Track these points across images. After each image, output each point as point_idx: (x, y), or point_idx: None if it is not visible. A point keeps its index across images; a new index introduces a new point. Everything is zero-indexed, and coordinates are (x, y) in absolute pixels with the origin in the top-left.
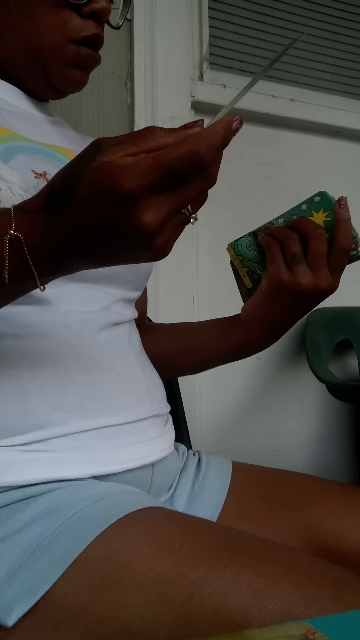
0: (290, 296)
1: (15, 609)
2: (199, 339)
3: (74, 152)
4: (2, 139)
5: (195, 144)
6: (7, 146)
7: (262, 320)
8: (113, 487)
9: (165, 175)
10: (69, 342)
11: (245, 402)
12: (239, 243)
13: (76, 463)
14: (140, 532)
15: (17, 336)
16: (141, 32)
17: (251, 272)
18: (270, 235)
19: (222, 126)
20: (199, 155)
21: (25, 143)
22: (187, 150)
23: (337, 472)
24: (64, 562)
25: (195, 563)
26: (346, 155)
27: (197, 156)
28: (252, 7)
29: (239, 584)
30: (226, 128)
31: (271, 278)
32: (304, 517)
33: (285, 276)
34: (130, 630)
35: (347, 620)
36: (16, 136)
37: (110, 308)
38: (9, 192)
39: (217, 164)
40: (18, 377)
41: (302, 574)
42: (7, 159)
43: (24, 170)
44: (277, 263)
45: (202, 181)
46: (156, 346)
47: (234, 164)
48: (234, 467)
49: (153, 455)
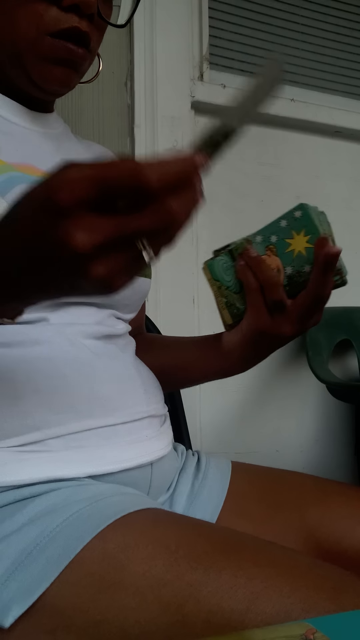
0: (271, 339)
1: (12, 610)
2: (180, 360)
3: None
4: (0, 169)
5: (142, 166)
6: (7, 177)
7: (241, 356)
8: (110, 489)
9: (102, 191)
10: (62, 347)
11: (245, 402)
12: (215, 264)
13: (72, 462)
14: (136, 534)
15: (10, 344)
16: (141, 32)
17: (230, 305)
18: (249, 269)
19: (182, 157)
20: (144, 178)
21: (21, 174)
22: (130, 168)
23: (337, 472)
24: (61, 563)
25: (191, 565)
26: (346, 155)
27: (141, 178)
28: (252, 7)
29: (235, 586)
30: (186, 162)
31: (252, 324)
32: (303, 517)
33: (267, 324)
34: (126, 633)
35: (347, 620)
36: (9, 167)
37: (103, 322)
38: None
39: (179, 199)
40: (12, 381)
41: (300, 576)
42: (5, 191)
43: None
44: (258, 308)
45: (156, 213)
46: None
47: (234, 164)
48: (233, 467)
49: (150, 454)
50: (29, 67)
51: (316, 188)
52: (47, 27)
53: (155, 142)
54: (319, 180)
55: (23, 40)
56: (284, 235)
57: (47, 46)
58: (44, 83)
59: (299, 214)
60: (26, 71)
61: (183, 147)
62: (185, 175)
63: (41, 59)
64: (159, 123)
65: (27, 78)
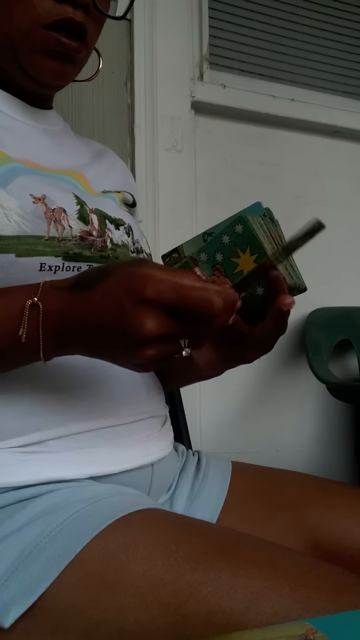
0: (235, 363)
1: (12, 610)
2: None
3: (72, 172)
4: (1, 161)
5: (215, 301)
6: (8, 168)
7: (209, 372)
8: (110, 489)
9: (180, 305)
10: None
11: (245, 402)
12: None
13: (73, 464)
14: (137, 534)
15: None
16: (141, 32)
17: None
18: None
19: (232, 293)
20: (215, 311)
21: (22, 165)
22: (206, 298)
23: (337, 472)
24: (61, 563)
25: (191, 565)
26: (346, 155)
27: (214, 310)
28: (252, 7)
29: (235, 586)
30: (234, 296)
31: (212, 355)
32: (303, 517)
33: (227, 354)
34: (126, 633)
35: (347, 620)
36: (10, 159)
37: None
38: (5, 219)
39: (225, 318)
40: (14, 382)
41: (299, 576)
42: (7, 182)
43: (22, 195)
44: (216, 340)
45: (207, 325)
46: None
47: (234, 164)
48: (233, 467)
49: (151, 455)
50: (22, 59)
51: (316, 188)
52: (40, 19)
53: (155, 142)
54: (319, 180)
55: (17, 32)
56: (230, 253)
57: (40, 38)
58: (38, 76)
59: (240, 228)
60: (20, 64)
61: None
62: (231, 306)
63: (34, 52)
64: (159, 123)
65: (22, 71)
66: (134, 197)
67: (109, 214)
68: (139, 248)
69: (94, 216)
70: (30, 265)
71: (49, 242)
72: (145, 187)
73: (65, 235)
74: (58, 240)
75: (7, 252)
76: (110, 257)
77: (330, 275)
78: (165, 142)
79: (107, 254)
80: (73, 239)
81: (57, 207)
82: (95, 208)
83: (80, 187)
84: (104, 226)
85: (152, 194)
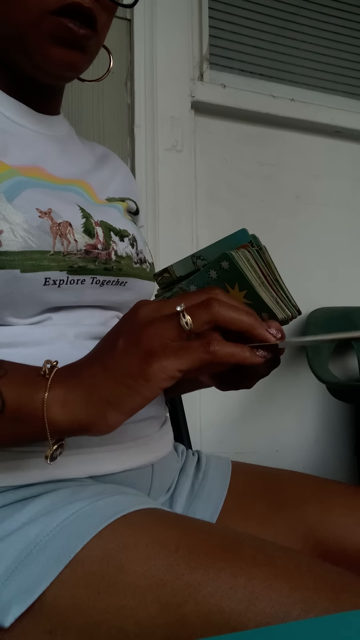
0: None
1: (12, 610)
2: None
3: (76, 180)
4: (7, 175)
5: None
6: (14, 181)
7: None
8: (110, 488)
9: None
10: (63, 349)
11: (245, 402)
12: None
13: (73, 463)
14: (136, 533)
15: (13, 344)
16: (141, 32)
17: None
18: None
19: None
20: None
21: (27, 178)
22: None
23: (337, 472)
24: (61, 562)
25: (191, 565)
26: (346, 155)
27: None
28: (252, 7)
29: (234, 586)
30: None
31: (210, 383)
32: (303, 517)
33: (225, 382)
34: (125, 633)
35: (347, 620)
36: (15, 172)
37: (107, 323)
38: (11, 234)
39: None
40: None
41: (299, 576)
42: (13, 196)
43: (28, 209)
44: (211, 375)
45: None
46: None
47: (234, 164)
48: (233, 467)
49: (150, 455)
50: (31, 48)
51: (316, 188)
52: (47, 5)
53: (155, 142)
54: (319, 180)
55: (24, 20)
56: (219, 287)
57: (48, 24)
58: (47, 65)
59: (227, 265)
60: (29, 54)
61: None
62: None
63: (43, 39)
64: (159, 123)
65: (31, 61)
66: (137, 204)
67: (114, 225)
68: (142, 258)
69: (99, 229)
70: (35, 280)
71: (54, 256)
72: (145, 187)
73: (70, 249)
74: (63, 255)
75: (12, 267)
76: (113, 269)
77: (330, 275)
78: (165, 142)
79: (110, 266)
80: (78, 253)
81: (62, 220)
82: (100, 220)
83: (85, 196)
84: (109, 238)
85: (152, 194)
